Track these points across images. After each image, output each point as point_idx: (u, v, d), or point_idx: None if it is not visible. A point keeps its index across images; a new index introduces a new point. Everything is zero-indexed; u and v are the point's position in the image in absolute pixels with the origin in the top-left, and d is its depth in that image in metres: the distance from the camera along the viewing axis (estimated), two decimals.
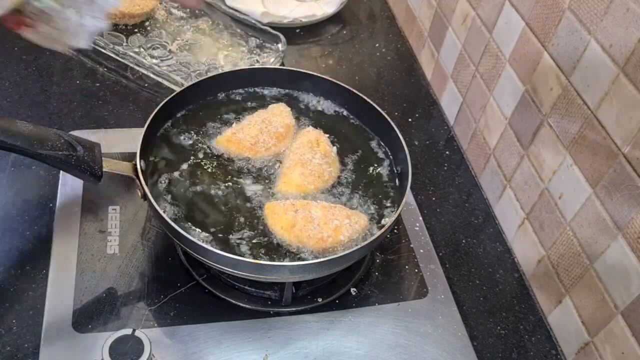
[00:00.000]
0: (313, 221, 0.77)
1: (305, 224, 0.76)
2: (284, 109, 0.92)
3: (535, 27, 0.86)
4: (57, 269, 0.81)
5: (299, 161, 0.84)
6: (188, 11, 1.28)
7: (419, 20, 1.28)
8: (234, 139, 0.87)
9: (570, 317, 0.81)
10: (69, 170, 0.71)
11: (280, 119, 0.90)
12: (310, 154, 0.85)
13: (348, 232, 0.76)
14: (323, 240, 0.75)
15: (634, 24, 0.67)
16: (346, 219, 0.77)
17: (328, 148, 0.87)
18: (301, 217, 0.77)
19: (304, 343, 0.79)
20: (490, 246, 0.96)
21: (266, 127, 0.88)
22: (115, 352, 0.67)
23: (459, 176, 1.07)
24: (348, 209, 0.81)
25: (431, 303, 0.85)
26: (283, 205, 0.79)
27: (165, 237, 0.87)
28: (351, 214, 0.79)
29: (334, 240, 0.76)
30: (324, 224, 0.76)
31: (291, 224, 0.76)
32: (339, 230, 0.76)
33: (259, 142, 0.87)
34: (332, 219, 0.77)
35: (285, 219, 0.77)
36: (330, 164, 0.85)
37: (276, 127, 0.88)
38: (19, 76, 1.10)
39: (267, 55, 1.20)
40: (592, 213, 0.76)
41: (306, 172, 0.83)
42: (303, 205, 0.79)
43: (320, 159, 0.84)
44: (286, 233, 0.76)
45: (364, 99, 0.92)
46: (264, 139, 0.87)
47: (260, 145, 0.86)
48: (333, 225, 0.76)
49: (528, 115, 0.89)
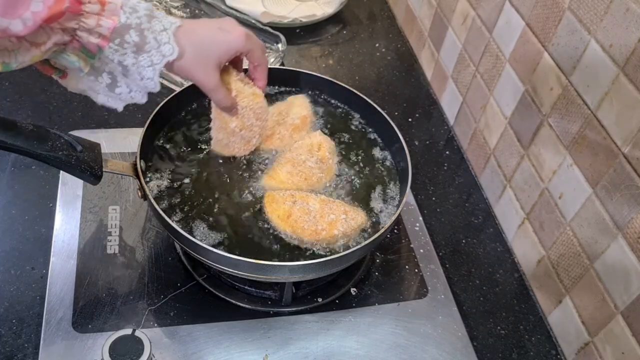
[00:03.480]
0: (309, 213, 0.77)
1: (301, 215, 0.77)
2: (303, 101, 0.93)
3: (536, 27, 0.86)
4: (57, 269, 0.81)
5: (291, 159, 0.84)
6: (188, 11, 1.28)
7: (419, 20, 1.28)
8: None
9: (570, 317, 0.81)
10: (69, 170, 0.71)
11: (299, 110, 0.91)
12: (306, 155, 0.85)
13: (343, 227, 0.77)
14: (317, 232, 0.76)
15: (634, 24, 0.67)
16: (343, 214, 0.78)
17: (327, 155, 0.86)
18: (298, 208, 0.78)
19: (304, 343, 0.79)
20: (490, 246, 0.96)
21: (283, 118, 0.89)
22: (115, 352, 0.67)
23: (459, 176, 1.07)
24: (347, 204, 0.81)
25: (431, 303, 0.85)
26: (282, 195, 0.80)
27: (165, 237, 0.87)
28: (349, 210, 0.79)
29: (328, 233, 0.76)
30: (320, 217, 0.77)
31: (287, 214, 0.77)
32: (334, 224, 0.76)
33: (275, 133, 0.88)
34: (328, 212, 0.77)
35: (282, 209, 0.78)
36: (322, 170, 0.85)
37: (293, 119, 0.89)
38: (19, 76, 1.10)
39: (267, 55, 1.19)
40: (592, 213, 0.76)
41: (294, 171, 0.83)
42: (302, 197, 0.79)
43: (314, 162, 0.84)
44: (282, 222, 0.77)
45: (364, 99, 0.92)
46: (280, 130, 0.88)
47: (275, 137, 0.87)
48: (329, 219, 0.77)
49: (528, 115, 0.89)
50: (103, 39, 0.64)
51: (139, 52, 0.67)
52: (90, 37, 0.63)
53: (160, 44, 0.67)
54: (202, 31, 0.72)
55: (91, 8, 0.62)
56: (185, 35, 0.70)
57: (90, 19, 0.62)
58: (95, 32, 0.63)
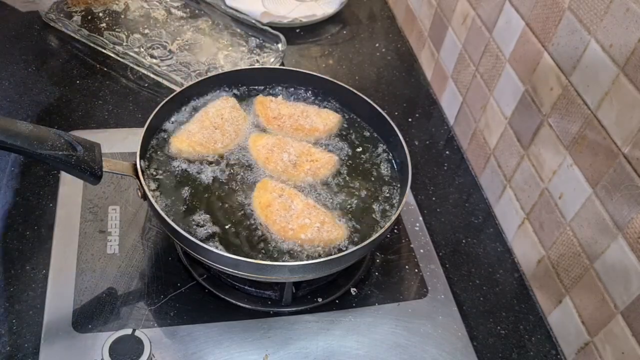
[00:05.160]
0: (288, 210, 0.78)
1: (278, 209, 0.78)
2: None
3: (535, 27, 0.86)
4: (57, 269, 0.81)
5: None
6: (188, 11, 1.28)
7: (419, 20, 1.28)
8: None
9: (570, 317, 0.81)
10: (69, 170, 0.71)
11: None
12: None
13: (312, 234, 0.76)
14: (285, 230, 0.77)
15: (634, 24, 0.67)
16: (318, 223, 0.77)
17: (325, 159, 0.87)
18: (280, 201, 0.79)
19: (304, 343, 0.79)
20: (490, 246, 0.96)
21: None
22: (115, 352, 0.67)
23: (459, 176, 1.07)
24: (331, 217, 0.79)
25: (431, 303, 0.85)
26: (274, 186, 0.81)
27: (165, 237, 0.87)
28: (328, 222, 0.78)
29: (294, 234, 0.76)
30: (295, 217, 0.77)
31: (268, 203, 0.79)
32: (304, 228, 0.77)
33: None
34: (306, 216, 0.78)
35: (265, 197, 0.79)
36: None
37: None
38: (19, 76, 1.10)
39: (267, 55, 1.20)
40: (592, 213, 0.76)
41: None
42: (290, 194, 0.80)
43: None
44: (260, 209, 0.79)
45: (363, 99, 0.92)
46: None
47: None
48: (302, 222, 0.77)
49: (528, 115, 0.89)
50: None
51: None
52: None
53: None
54: None
55: None
56: None
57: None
58: None
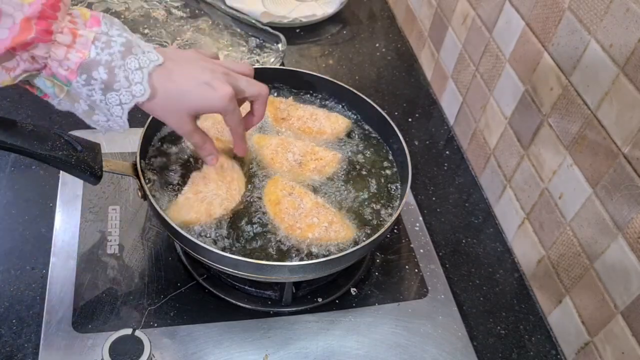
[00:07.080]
0: (297, 209, 0.78)
1: (288, 207, 0.78)
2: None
3: (535, 27, 0.86)
4: (57, 269, 0.81)
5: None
6: (188, 11, 1.28)
7: (419, 20, 1.28)
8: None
9: (570, 317, 0.81)
10: (69, 170, 0.71)
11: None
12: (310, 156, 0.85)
13: (319, 234, 0.76)
14: (292, 228, 0.77)
15: (634, 24, 0.67)
16: (326, 223, 0.77)
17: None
18: (289, 199, 0.79)
19: (304, 343, 0.79)
20: (490, 246, 0.96)
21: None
22: (115, 352, 0.67)
23: (459, 176, 1.07)
24: (340, 217, 0.79)
25: (431, 303, 0.85)
26: (284, 183, 0.81)
27: (165, 237, 0.87)
28: (336, 222, 0.78)
29: (302, 233, 0.76)
30: (304, 216, 0.77)
31: (277, 200, 0.79)
32: (311, 227, 0.76)
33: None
34: (314, 215, 0.78)
35: (275, 194, 0.79)
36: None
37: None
38: None
39: (267, 55, 1.20)
40: (592, 213, 0.76)
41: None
42: (300, 193, 0.80)
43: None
44: (269, 205, 0.79)
45: (363, 98, 0.92)
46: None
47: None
48: (310, 221, 0.77)
49: (528, 115, 0.89)
50: (70, 73, 0.61)
51: (107, 90, 0.63)
52: (59, 68, 0.61)
53: (131, 84, 0.63)
54: (182, 79, 0.67)
55: (62, 39, 0.60)
56: (163, 77, 0.65)
57: (60, 50, 0.60)
58: (63, 64, 0.61)
